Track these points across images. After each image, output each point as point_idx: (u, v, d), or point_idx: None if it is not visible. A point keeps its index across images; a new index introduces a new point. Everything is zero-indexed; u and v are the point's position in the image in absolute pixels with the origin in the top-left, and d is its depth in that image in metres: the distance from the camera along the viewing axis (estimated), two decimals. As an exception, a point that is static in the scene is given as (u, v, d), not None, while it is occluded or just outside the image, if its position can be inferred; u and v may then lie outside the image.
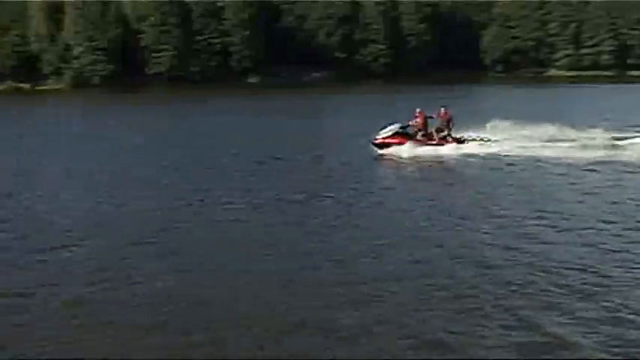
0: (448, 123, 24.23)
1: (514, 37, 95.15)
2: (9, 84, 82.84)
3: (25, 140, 32.41)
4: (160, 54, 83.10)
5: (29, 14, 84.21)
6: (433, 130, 24.34)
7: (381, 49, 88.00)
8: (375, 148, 24.21)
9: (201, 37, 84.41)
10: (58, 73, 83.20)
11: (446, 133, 24.16)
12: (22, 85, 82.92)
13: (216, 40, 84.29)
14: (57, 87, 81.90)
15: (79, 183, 20.39)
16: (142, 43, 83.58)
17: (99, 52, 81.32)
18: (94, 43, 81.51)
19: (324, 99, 58.49)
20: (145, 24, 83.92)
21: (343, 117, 40.45)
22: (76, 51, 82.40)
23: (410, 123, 24.43)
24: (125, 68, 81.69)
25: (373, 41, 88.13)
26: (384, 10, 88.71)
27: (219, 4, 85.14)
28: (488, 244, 12.46)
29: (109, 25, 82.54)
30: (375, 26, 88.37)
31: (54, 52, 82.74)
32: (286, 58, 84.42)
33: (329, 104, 52.84)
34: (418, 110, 24.41)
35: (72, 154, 26.73)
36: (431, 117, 24.48)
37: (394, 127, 24.24)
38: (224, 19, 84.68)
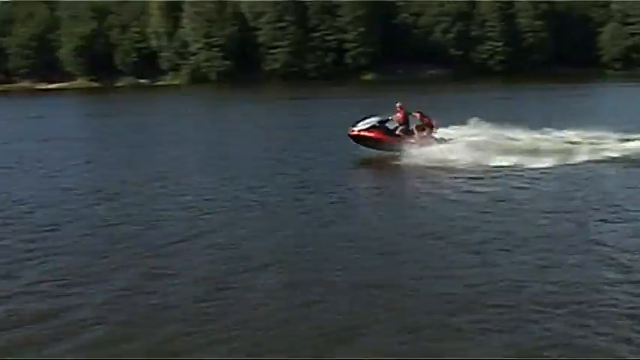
0: (429, 122, 22.52)
1: (633, 34, 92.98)
2: (129, 79, 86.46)
3: (156, 130, 34.59)
4: (275, 50, 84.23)
5: (148, 12, 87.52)
6: (414, 127, 22.57)
7: (497, 47, 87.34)
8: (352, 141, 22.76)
9: (317, 34, 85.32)
10: (175, 69, 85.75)
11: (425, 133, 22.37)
12: (141, 80, 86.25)
13: (331, 37, 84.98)
14: (175, 82, 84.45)
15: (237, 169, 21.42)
16: (258, 40, 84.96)
17: (215, 49, 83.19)
18: (210, 40, 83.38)
19: (443, 96, 57.85)
20: (261, 21, 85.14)
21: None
22: (193, 47, 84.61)
23: (390, 117, 22.76)
24: (241, 65, 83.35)
25: (489, 38, 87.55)
26: (500, 6, 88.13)
27: (334, 1, 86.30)
28: None
29: (225, 22, 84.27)
30: (491, 23, 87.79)
31: (172, 48, 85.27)
32: (401, 55, 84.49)
33: (450, 101, 52.12)
34: (399, 105, 22.71)
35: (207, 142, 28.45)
36: (412, 114, 22.73)
37: (372, 120, 22.55)
38: (339, 16, 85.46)
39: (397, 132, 22.59)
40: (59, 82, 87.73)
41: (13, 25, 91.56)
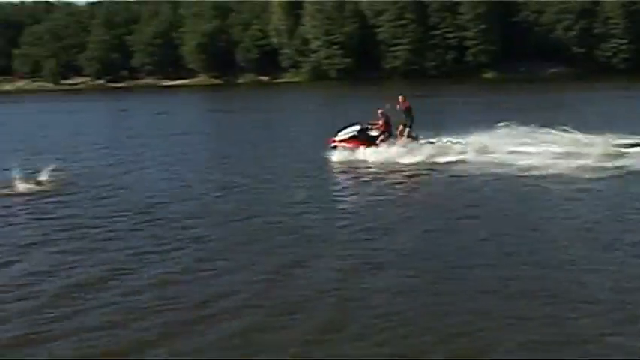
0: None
1: None
2: (250, 76, 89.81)
3: (278, 125, 36.57)
4: (395, 48, 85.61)
5: (269, 10, 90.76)
6: (397, 131, 22.40)
7: (621, 45, 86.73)
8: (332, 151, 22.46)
9: (437, 32, 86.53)
10: (296, 66, 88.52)
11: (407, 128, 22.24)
12: (262, 77, 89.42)
13: (451, 35, 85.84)
14: (295, 79, 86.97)
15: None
16: (379, 38, 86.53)
17: (336, 47, 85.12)
18: (331, 38, 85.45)
19: (565, 94, 57.16)
20: (381, 19, 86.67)
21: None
22: (313, 45, 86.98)
23: (369, 126, 22.63)
24: (361, 62, 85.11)
25: (613, 36, 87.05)
26: (624, 3, 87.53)
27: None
28: None
29: (345, 20, 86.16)
30: (615, 20, 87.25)
31: (292, 46, 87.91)
32: (522, 54, 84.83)
33: (573, 100, 51.20)
34: (380, 111, 22.42)
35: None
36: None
37: (353, 130, 22.46)
38: (460, 14, 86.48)
39: (379, 140, 22.35)
40: (182, 78, 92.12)
41: (138, 23, 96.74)
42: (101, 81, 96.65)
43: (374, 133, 22.65)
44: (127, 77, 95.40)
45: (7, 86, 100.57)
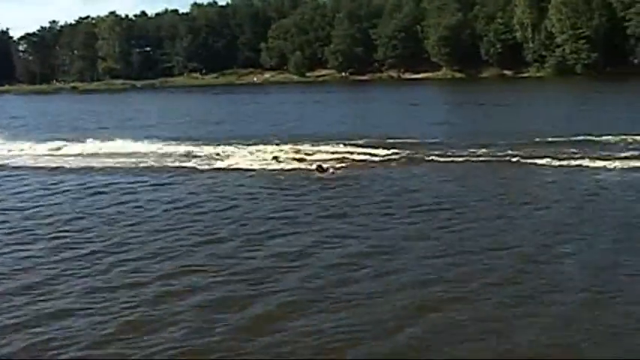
0: None
1: None
2: (493, 71, 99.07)
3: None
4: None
5: (514, 4, 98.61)
6: None
7: None
8: None
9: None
10: (539, 60, 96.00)
11: None
12: (505, 72, 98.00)
13: None
14: (538, 75, 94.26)
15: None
16: (627, 32, 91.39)
17: (582, 41, 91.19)
18: (577, 32, 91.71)
19: None
20: (630, 11, 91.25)
21: None
22: (559, 39, 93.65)
23: None
24: (608, 57, 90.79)
25: None
26: None
27: None
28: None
29: (593, 12, 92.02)
30: None
31: (537, 40, 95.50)
32: None
33: None
34: None
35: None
36: None
37: None
38: None
39: None
40: (424, 72, 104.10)
41: (381, 17, 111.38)
42: (344, 74, 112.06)
43: None
44: (370, 70, 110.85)
45: (255, 78, 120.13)
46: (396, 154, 24.47)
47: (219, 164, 23.89)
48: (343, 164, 22.44)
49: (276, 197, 18.40)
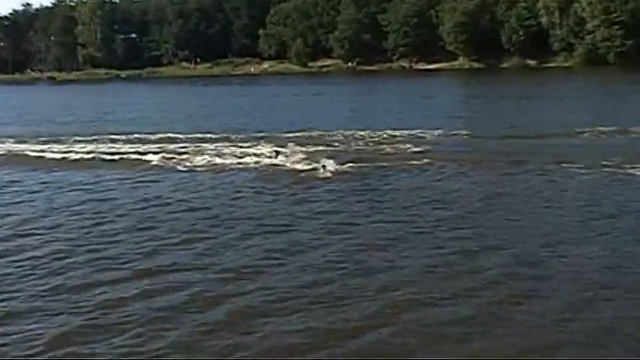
0: None
1: None
2: (515, 60, 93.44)
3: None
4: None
5: None
6: None
7: None
8: None
9: None
10: (568, 49, 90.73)
11: None
12: (528, 61, 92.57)
13: None
14: (565, 64, 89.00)
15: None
16: None
17: (615, 27, 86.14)
18: (610, 17, 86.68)
19: None
20: None
21: None
22: (589, 25, 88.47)
23: None
24: None
25: None
26: None
27: None
28: None
29: None
30: None
31: (565, 26, 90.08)
32: None
33: None
34: None
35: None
36: None
37: None
38: None
39: None
40: (438, 61, 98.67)
41: (392, 1, 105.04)
42: (351, 63, 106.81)
43: None
44: (379, 60, 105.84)
45: (252, 68, 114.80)
46: (399, 150, 23.97)
47: (199, 161, 23.61)
48: (340, 162, 21.54)
49: (263, 195, 18.05)
